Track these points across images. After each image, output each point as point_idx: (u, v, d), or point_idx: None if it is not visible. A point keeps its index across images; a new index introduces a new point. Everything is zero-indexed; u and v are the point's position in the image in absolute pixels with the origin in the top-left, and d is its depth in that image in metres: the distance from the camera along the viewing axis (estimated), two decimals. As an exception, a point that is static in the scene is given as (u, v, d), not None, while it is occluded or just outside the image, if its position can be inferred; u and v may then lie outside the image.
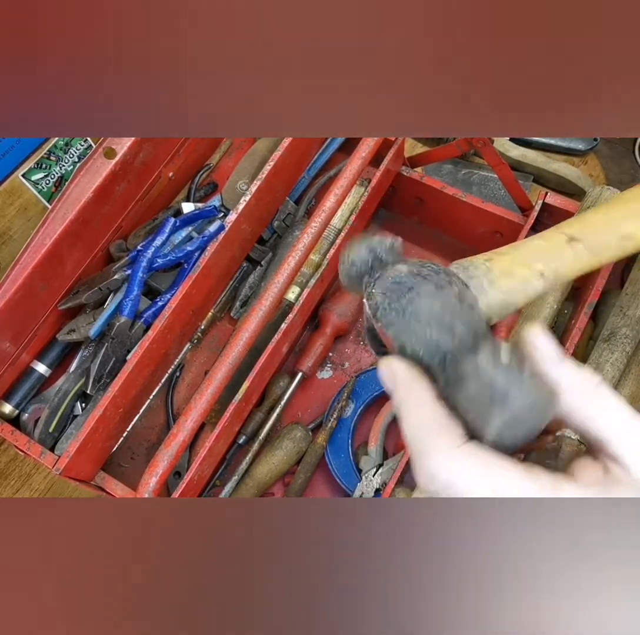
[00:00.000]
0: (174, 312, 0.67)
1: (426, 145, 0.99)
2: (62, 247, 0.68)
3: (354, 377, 0.78)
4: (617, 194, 0.65)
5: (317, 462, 0.75)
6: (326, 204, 0.69)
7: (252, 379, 0.66)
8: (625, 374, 0.67)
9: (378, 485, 0.72)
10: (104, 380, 0.70)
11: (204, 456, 0.64)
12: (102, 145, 0.69)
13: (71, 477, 0.64)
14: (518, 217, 0.78)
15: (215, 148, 0.93)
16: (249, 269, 0.84)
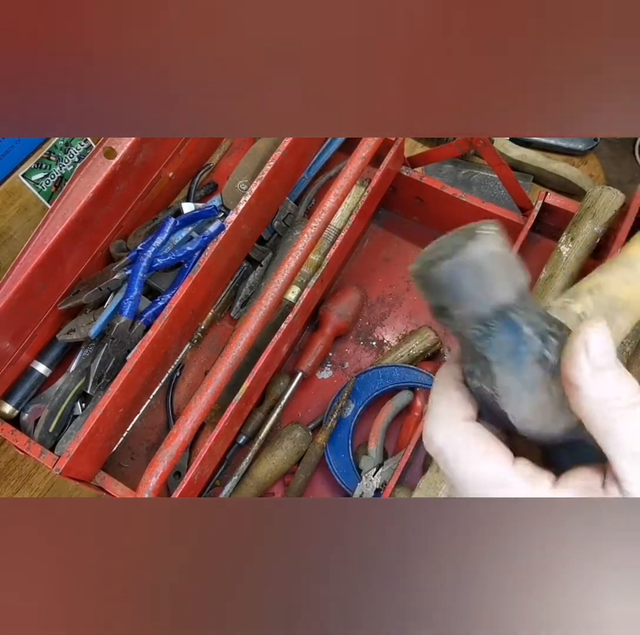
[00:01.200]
0: (174, 312, 0.67)
1: (426, 145, 0.99)
2: (62, 247, 0.68)
3: (354, 377, 0.78)
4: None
5: (317, 462, 0.75)
6: (326, 204, 0.69)
7: (252, 379, 0.66)
8: (625, 374, 0.67)
9: (378, 485, 0.72)
10: (104, 380, 0.70)
11: (204, 456, 0.64)
12: (102, 145, 0.69)
13: (71, 477, 0.64)
14: (518, 217, 0.78)
15: (215, 148, 0.93)
16: (249, 269, 0.84)
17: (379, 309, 0.87)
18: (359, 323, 0.86)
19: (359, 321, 0.86)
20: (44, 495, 0.80)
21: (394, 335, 0.85)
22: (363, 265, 0.89)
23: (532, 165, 0.94)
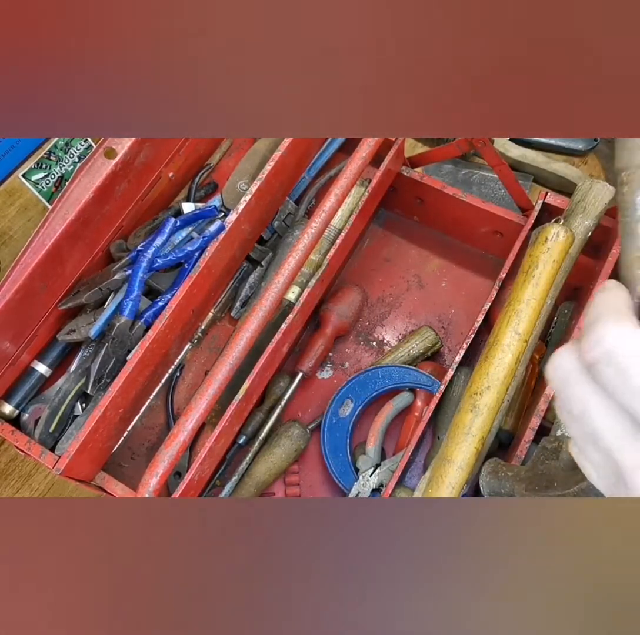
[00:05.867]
0: (174, 312, 0.67)
1: (426, 145, 0.99)
2: (62, 247, 0.68)
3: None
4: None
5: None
6: (326, 204, 0.69)
7: (252, 379, 0.66)
8: (625, 374, 0.67)
9: (375, 486, 0.72)
10: (104, 381, 0.70)
11: (204, 456, 0.64)
12: (102, 145, 0.69)
13: (71, 477, 0.64)
14: (518, 217, 0.78)
15: (215, 148, 0.93)
16: (249, 269, 0.84)
17: (379, 309, 0.87)
18: (359, 323, 0.86)
19: (359, 321, 0.86)
20: (44, 495, 0.80)
21: (394, 335, 0.85)
22: (363, 265, 0.89)
23: (532, 165, 0.94)
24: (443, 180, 0.83)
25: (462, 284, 0.87)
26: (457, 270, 0.88)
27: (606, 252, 0.72)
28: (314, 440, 0.79)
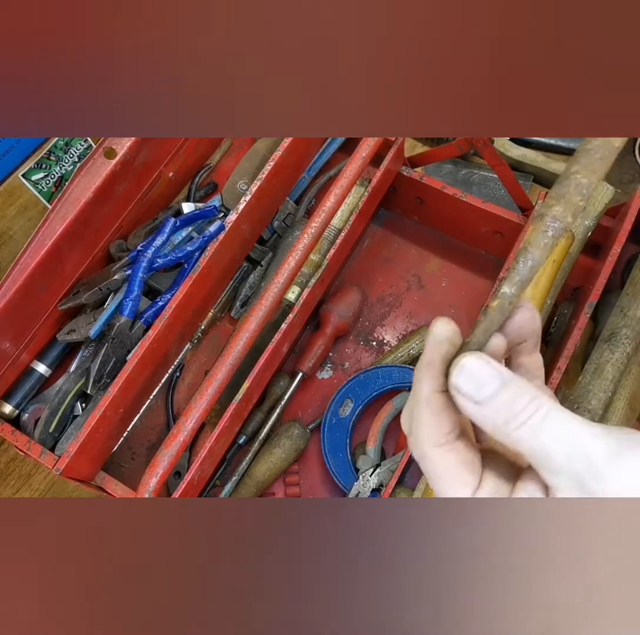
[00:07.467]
0: (174, 312, 0.67)
1: (426, 145, 0.99)
2: (62, 247, 0.68)
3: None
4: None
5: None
6: (326, 204, 0.69)
7: (252, 379, 0.66)
8: (625, 374, 0.67)
9: (375, 486, 0.72)
10: (104, 381, 0.70)
11: (204, 456, 0.64)
12: (102, 145, 0.69)
13: (71, 477, 0.64)
14: (518, 217, 0.78)
15: (215, 148, 0.93)
16: (249, 269, 0.84)
17: (379, 309, 0.87)
18: (359, 323, 0.86)
19: (359, 321, 0.86)
20: (44, 495, 0.80)
21: (394, 335, 0.85)
22: (363, 265, 0.89)
23: (532, 165, 0.94)
24: (443, 180, 0.83)
25: (462, 284, 0.87)
26: (457, 270, 0.88)
27: (606, 252, 0.72)
28: (314, 440, 0.79)
